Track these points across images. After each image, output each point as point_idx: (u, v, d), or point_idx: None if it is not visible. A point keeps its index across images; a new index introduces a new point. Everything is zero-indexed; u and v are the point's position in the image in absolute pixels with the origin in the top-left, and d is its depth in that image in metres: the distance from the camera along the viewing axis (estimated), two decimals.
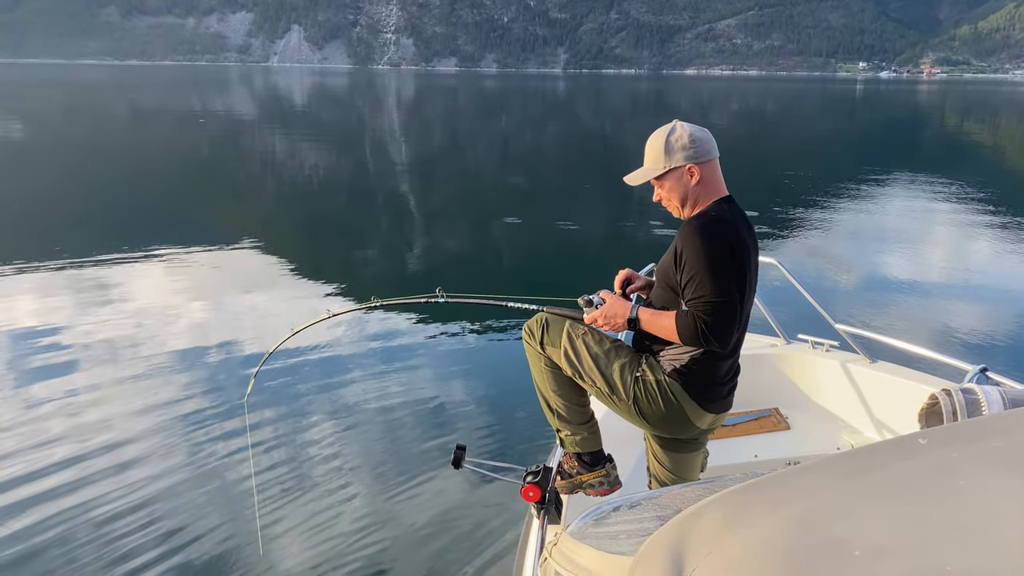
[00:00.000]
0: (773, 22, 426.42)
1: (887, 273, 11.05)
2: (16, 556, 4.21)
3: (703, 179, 2.65)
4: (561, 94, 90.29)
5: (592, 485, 2.91)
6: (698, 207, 2.68)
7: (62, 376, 6.72)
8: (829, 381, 4.24)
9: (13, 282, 9.66)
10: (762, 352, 4.33)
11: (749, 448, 3.91)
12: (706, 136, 2.69)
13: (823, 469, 1.34)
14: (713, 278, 2.45)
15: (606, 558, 1.48)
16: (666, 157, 2.65)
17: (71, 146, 27.40)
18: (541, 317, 2.87)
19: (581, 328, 2.79)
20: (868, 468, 1.29)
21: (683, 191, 2.67)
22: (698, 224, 2.56)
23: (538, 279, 10.77)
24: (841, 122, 49.92)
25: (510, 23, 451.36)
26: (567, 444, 2.91)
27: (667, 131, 2.68)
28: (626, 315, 2.67)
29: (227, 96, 69.59)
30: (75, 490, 4.83)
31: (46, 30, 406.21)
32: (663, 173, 2.68)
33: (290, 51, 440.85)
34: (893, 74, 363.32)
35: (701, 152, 2.65)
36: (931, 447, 1.32)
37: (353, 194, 19.19)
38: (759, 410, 4.20)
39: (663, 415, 2.70)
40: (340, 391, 6.47)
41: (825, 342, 4.32)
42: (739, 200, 2.72)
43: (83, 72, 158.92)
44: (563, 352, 2.77)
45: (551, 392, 2.86)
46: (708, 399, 2.71)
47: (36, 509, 4.63)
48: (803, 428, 4.11)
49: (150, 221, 14.63)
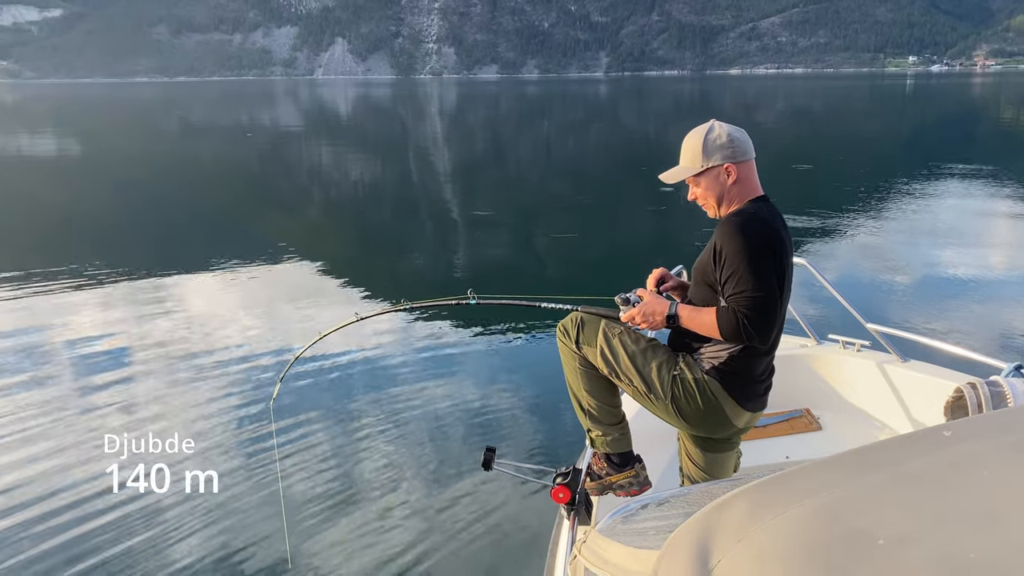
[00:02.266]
0: (819, 18, 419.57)
1: (922, 271, 10.80)
2: (26, 559, 4.32)
3: (740, 179, 2.65)
4: (603, 97, 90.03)
5: (622, 486, 2.90)
6: (734, 206, 2.67)
7: (82, 380, 6.89)
8: (861, 381, 4.18)
9: (68, 291, 9.96)
10: (793, 352, 4.29)
11: (780, 449, 3.87)
12: (743, 136, 2.70)
13: (849, 461, 1.34)
14: (754, 273, 2.45)
15: (635, 553, 1.48)
16: (704, 156, 2.65)
17: (124, 162, 28.21)
18: (576, 316, 2.85)
19: (617, 327, 2.78)
20: (893, 460, 1.29)
21: (720, 190, 2.67)
22: (738, 221, 2.55)
23: (573, 279, 10.76)
24: (889, 119, 48.92)
25: (551, 28, 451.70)
26: (597, 444, 2.90)
27: (705, 130, 2.68)
28: (664, 312, 2.65)
29: (273, 110, 70.85)
30: (98, 493, 4.91)
31: (99, 50, 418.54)
32: (700, 172, 2.68)
33: (334, 63, 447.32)
34: (945, 67, 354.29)
35: (739, 152, 2.65)
36: (956, 439, 1.32)
37: (393, 201, 19.41)
38: (790, 411, 4.16)
39: (701, 413, 2.68)
40: (369, 394, 6.53)
41: (856, 342, 4.25)
42: (778, 199, 2.70)
43: (135, 90, 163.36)
44: (599, 351, 2.76)
45: (584, 392, 2.85)
46: (746, 397, 2.69)
47: (56, 512, 4.75)
48: (835, 428, 4.06)
49: (197, 231, 15.02)
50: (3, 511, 4.82)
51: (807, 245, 12.21)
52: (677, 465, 3.14)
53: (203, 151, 33.00)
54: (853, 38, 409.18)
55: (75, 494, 4.99)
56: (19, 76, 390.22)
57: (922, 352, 4.02)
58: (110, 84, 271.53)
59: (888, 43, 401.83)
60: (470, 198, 19.69)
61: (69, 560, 4.34)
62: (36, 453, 5.57)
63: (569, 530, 2.74)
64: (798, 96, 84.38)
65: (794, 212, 14.43)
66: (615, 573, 1.50)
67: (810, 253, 11.39)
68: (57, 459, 5.47)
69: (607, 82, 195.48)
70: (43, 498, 4.98)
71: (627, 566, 1.48)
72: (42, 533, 4.56)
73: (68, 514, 4.76)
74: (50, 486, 5.11)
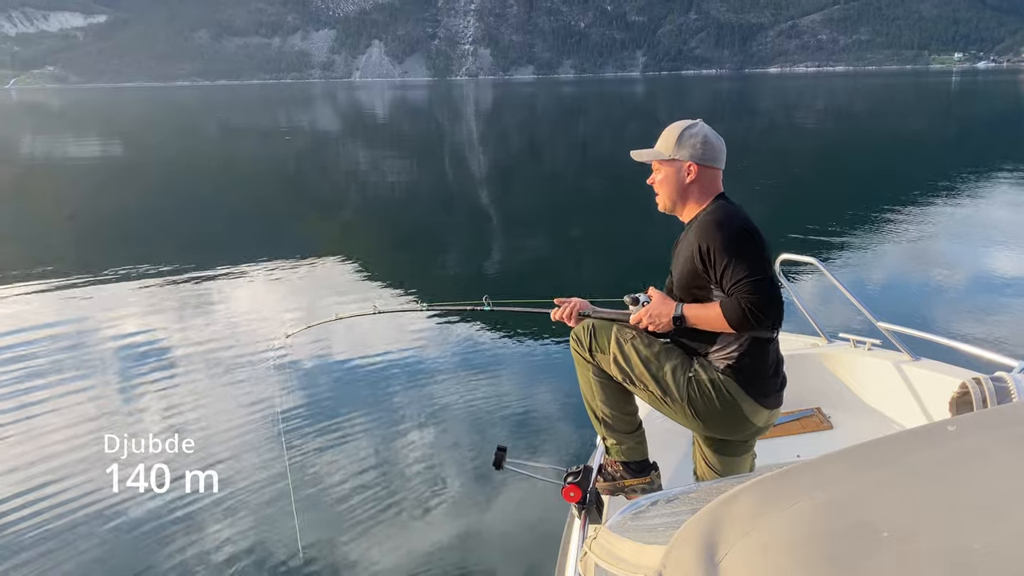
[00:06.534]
0: (860, 15, 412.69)
1: (933, 269, 10.62)
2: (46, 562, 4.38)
3: (698, 181, 2.73)
4: (639, 97, 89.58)
5: (635, 490, 2.91)
6: (688, 205, 2.77)
7: (102, 377, 7.02)
8: (872, 379, 4.16)
9: (107, 289, 10.20)
10: (803, 352, 4.27)
11: (792, 448, 3.85)
12: (720, 144, 2.77)
13: (854, 456, 1.36)
14: (747, 260, 2.51)
15: (644, 549, 1.49)
16: (675, 147, 2.74)
17: (168, 164, 28.85)
18: (588, 324, 2.86)
19: (629, 332, 2.78)
20: (898, 455, 1.31)
21: (677, 185, 2.76)
22: (713, 219, 2.64)
23: (592, 280, 10.76)
24: (933, 117, 47.96)
25: (587, 28, 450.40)
26: (613, 453, 2.91)
27: (686, 125, 2.77)
28: (671, 314, 2.68)
29: (311, 112, 71.70)
30: (106, 495, 4.92)
31: (142, 54, 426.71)
32: (665, 160, 2.77)
33: (372, 66, 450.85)
34: (992, 64, 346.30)
35: (708, 156, 2.73)
36: (960, 434, 1.34)
37: (425, 202, 19.59)
38: (801, 410, 4.14)
39: (719, 414, 2.68)
40: (379, 392, 6.58)
41: (867, 340, 4.23)
42: (798, 200, 2.70)
43: (176, 93, 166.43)
44: (612, 358, 2.76)
45: (598, 401, 2.86)
46: (762, 393, 2.70)
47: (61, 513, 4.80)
48: (846, 427, 4.03)
49: (225, 230, 15.34)
50: (7, 511, 4.87)
51: (818, 242, 12.02)
52: (691, 466, 3.13)
53: (244, 153, 33.54)
54: (896, 35, 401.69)
55: (76, 493, 5.01)
56: (65, 81, 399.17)
57: (933, 350, 3.98)
58: (152, 88, 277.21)
59: (932, 40, 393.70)
60: (500, 200, 19.79)
61: (79, 563, 4.37)
62: (38, 451, 5.63)
63: (580, 528, 2.76)
64: (839, 94, 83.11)
65: (805, 211, 14.24)
66: (625, 568, 1.51)
67: (820, 251, 11.22)
68: (58, 458, 5.50)
69: (644, 81, 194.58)
70: (44, 497, 5.01)
71: (636, 561, 1.48)
72: (44, 534, 4.60)
73: (71, 515, 4.79)
74: (50, 484, 5.15)
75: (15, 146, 39.47)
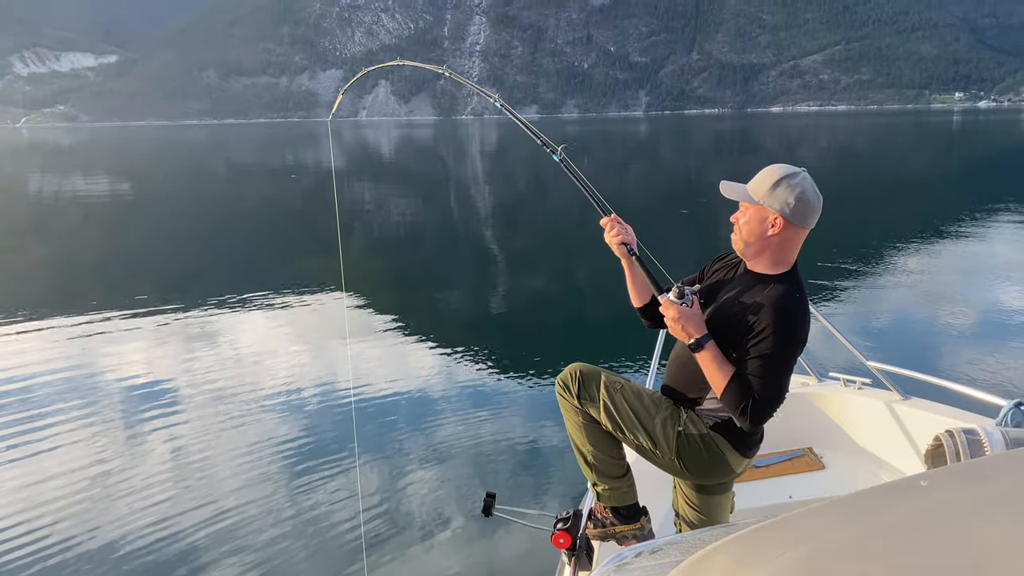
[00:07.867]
0: (861, 56, 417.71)
1: (922, 308, 10.72)
2: None
3: (782, 238, 2.54)
4: (642, 136, 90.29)
5: (626, 536, 2.90)
6: (762, 258, 2.61)
7: (155, 420, 7.06)
8: (862, 419, 4.18)
9: (122, 327, 10.26)
10: (794, 391, 4.27)
11: (784, 489, 3.86)
12: (816, 203, 2.54)
13: (828, 512, 1.37)
14: (785, 366, 2.51)
15: None
16: (768, 193, 2.52)
17: (176, 202, 29.13)
18: (575, 370, 2.84)
19: (618, 382, 2.79)
20: (871, 511, 1.31)
21: (759, 233, 2.56)
22: (793, 316, 2.54)
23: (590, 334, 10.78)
24: (935, 156, 48.25)
25: (591, 69, 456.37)
26: (603, 498, 2.91)
27: (787, 173, 2.53)
28: (695, 336, 2.55)
29: (317, 151, 72.33)
30: (176, 531, 5.03)
31: (151, 94, 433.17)
32: (754, 204, 2.56)
33: (378, 105, 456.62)
34: (993, 103, 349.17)
35: (798, 214, 2.50)
36: (932, 488, 1.35)
37: (430, 243, 19.71)
38: (792, 450, 4.15)
39: (706, 465, 2.72)
40: (369, 435, 6.52)
41: (857, 379, 4.25)
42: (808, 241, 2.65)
43: (185, 132, 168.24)
44: (602, 407, 2.76)
45: (588, 446, 2.85)
46: (748, 447, 2.75)
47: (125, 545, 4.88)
48: (838, 467, 4.04)
49: (237, 269, 15.42)
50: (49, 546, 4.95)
51: (809, 283, 11.99)
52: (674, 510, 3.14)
53: (251, 192, 33.85)
54: (897, 75, 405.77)
55: (134, 524, 5.11)
56: (75, 119, 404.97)
57: (923, 389, 3.99)
58: (161, 127, 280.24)
59: (933, 79, 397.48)
60: (503, 239, 19.91)
61: None
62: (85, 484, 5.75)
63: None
64: (841, 132, 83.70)
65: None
66: None
67: (810, 290, 11.21)
68: (106, 491, 5.61)
69: (647, 121, 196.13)
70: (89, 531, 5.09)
71: None
72: None
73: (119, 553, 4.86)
74: (101, 516, 5.28)
75: (25, 183, 40.00)
